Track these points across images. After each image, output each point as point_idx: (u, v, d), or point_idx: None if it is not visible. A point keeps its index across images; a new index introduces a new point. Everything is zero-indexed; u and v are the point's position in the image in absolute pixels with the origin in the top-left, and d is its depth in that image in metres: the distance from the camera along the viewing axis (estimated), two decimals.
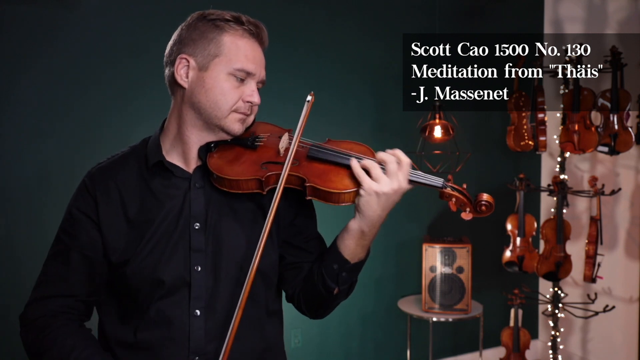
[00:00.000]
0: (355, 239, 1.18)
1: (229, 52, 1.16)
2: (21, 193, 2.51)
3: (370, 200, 1.13)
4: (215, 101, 1.17)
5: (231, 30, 1.18)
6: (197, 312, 1.16)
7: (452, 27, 3.42)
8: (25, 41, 2.48)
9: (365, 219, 1.15)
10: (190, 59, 1.18)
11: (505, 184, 3.28)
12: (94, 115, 2.61)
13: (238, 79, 1.17)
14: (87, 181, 1.22)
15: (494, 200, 1.21)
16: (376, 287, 3.33)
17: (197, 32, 1.18)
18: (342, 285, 1.21)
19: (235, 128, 1.20)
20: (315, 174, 1.17)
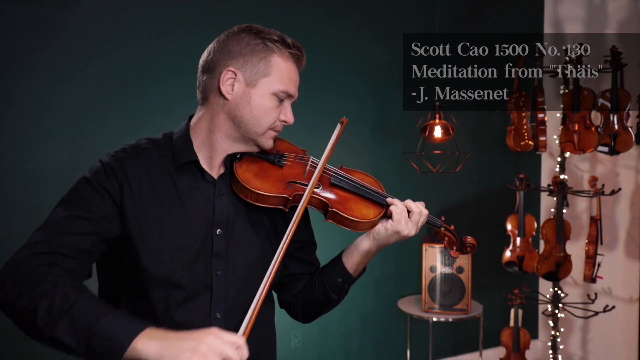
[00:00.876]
0: (362, 256, 1.32)
1: (276, 73, 1.21)
2: (21, 193, 2.51)
3: (390, 235, 1.28)
4: (258, 118, 1.21)
5: (279, 52, 1.22)
6: (218, 315, 1.20)
7: (452, 27, 3.42)
8: (25, 41, 2.48)
9: (377, 245, 1.30)
10: (238, 73, 1.20)
11: (505, 184, 3.28)
12: (94, 114, 2.62)
13: (279, 99, 1.23)
14: (113, 164, 1.17)
15: (476, 243, 1.39)
16: (376, 287, 3.33)
17: (247, 48, 1.20)
18: (342, 295, 1.36)
19: (269, 144, 1.26)
20: (337, 201, 1.28)
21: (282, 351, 3.07)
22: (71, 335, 0.96)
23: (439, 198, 3.46)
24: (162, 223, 1.16)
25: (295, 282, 1.38)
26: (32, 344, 1.04)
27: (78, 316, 0.97)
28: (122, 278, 1.20)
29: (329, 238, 2.06)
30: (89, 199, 1.13)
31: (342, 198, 1.29)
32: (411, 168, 3.03)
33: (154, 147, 1.23)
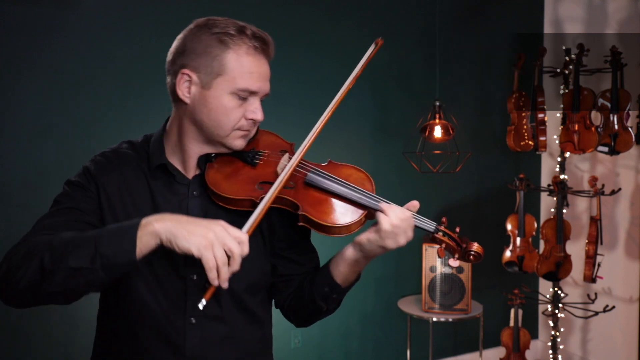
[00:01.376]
0: (349, 266, 1.20)
1: (232, 71, 1.13)
2: (21, 193, 2.51)
3: (377, 249, 1.15)
4: (218, 121, 1.15)
5: (235, 46, 1.13)
6: (193, 320, 1.17)
7: (452, 27, 3.42)
8: (25, 41, 2.48)
9: (364, 256, 1.18)
10: (192, 75, 1.15)
11: (505, 184, 3.28)
12: (94, 115, 2.62)
13: (240, 98, 1.15)
14: (91, 168, 1.20)
15: (483, 251, 1.18)
16: (376, 287, 3.33)
17: (200, 46, 1.14)
18: (331, 305, 1.24)
19: (237, 144, 1.19)
20: (309, 202, 1.15)
21: (282, 351, 3.07)
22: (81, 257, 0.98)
23: (439, 198, 3.46)
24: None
25: (286, 284, 1.28)
26: (32, 345, 1.04)
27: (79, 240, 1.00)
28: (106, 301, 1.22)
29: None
30: (75, 195, 1.17)
31: (316, 199, 1.15)
32: (411, 168, 3.03)
33: (133, 150, 1.24)
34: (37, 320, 2.53)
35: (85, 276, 0.98)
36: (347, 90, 1.26)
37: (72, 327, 2.58)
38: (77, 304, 1.12)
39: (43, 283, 0.99)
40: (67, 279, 0.98)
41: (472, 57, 3.55)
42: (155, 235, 0.98)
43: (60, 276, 0.98)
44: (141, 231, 0.98)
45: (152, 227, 0.98)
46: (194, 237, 0.97)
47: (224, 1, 2.79)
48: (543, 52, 3.16)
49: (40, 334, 2.54)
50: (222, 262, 0.98)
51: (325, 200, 1.16)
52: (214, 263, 0.97)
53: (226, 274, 0.98)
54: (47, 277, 0.98)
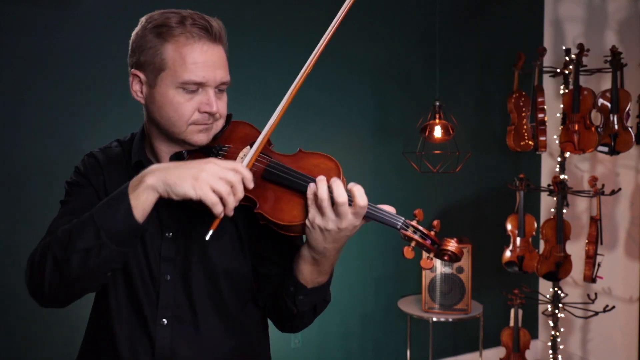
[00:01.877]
0: (308, 265, 1.09)
1: (173, 64, 1.07)
2: (21, 193, 2.51)
3: (314, 233, 1.02)
4: (168, 118, 1.10)
5: (173, 39, 1.07)
6: (165, 322, 1.14)
7: (452, 27, 3.42)
8: (25, 41, 2.48)
9: (313, 249, 1.06)
10: (140, 75, 1.12)
11: (505, 184, 3.28)
12: (93, 114, 2.62)
13: (188, 91, 1.08)
14: (81, 167, 1.24)
15: (460, 251, 1.06)
16: (376, 287, 3.33)
17: (142, 43, 1.10)
18: (300, 307, 1.13)
19: (199, 139, 1.12)
20: (267, 198, 1.05)
21: (282, 351, 3.07)
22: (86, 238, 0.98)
23: (439, 198, 3.46)
24: None
25: (265, 284, 1.21)
26: (32, 345, 1.04)
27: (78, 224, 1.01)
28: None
29: None
30: (76, 193, 1.19)
31: (273, 195, 1.05)
32: (411, 168, 3.03)
33: (120, 148, 1.25)
34: (36, 321, 2.53)
35: (97, 254, 0.98)
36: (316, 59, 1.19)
37: (72, 328, 2.58)
38: (77, 304, 1.12)
39: (63, 274, 1.00)
40: (83, 262, 0.98)
41: (472, 57, 3.55)
42: (152, 188, 0.98)
43: (75, 261, 0.98)
44: (135, 191, 0.98)
45: (145, 183, 0.98)
46: (186, 181, 0.96)
47: (225, 2, 2.79)
48: (543, 52, 3.16)
49: (40, 334, 2.55)
50: (226, 192, 0.96)
51: (283, 196, 1.05)
52: (214, 198, 0.96)
53: (233, 203, 0.97)
54: (64, 267, 0.99)
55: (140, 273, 1.14)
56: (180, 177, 0.96)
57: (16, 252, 2.52)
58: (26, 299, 1.26)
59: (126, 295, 1.15)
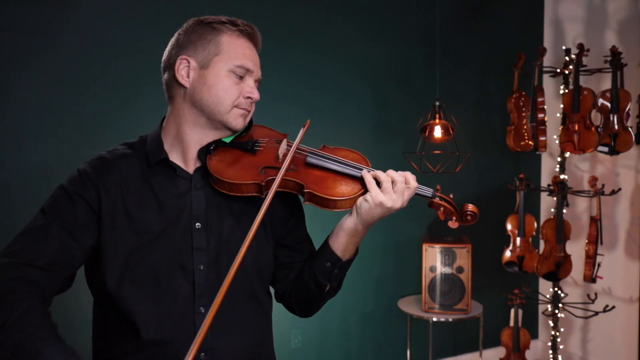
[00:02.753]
0: (348, 236, 1.24)
1: (228, 50, 1.21)
2: (21, 193, 2.51)
3: (373, 208, 1.20)
4: (218, 97, 1.21)
5: (228, 31, 1.23)
6: (202, 310, 1.18)
7: (452, 27, 3.42)
8: (25, 41, 2.48)
9: (362, 221, 1.22)
10: (190, 60, 1.22)
11: (505, 184, 3.28)
12: (94, 114, 2.62)
13: (238, 76, 1.22)
14: (88, 170, 1.21)
15: (478, 211, 1.29)
16: (376, 287, 3.33)
17: (195, 35, 1.23)
18: (333, 281, 1.27)
19: (238, 123, 1.24)
20: (312, 181, 1.21)
21: (282, 351, 3.07)
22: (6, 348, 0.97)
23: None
24: (143, 223, 1.18)
25: (287, 271, 1.33)
26: None
27: (20, 345, 0.98)
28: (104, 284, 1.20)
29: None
30: (65, 208, 1.18)
31: (318, 178, 1.22)
32: (411, 168, 3.03)
33: (130, 150, 1.26)
34: None
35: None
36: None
37: (71, 329, 2.58)
38: (76, 304, 1.12)
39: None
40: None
41: (472, 57, 3.55)
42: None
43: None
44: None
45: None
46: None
47: (225, 2, 2.79)
48: (543, 52, 3.16)
49: None
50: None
51: (327, 178, 1.23)
52: None
53: None
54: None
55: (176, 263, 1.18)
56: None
57: None
58: None
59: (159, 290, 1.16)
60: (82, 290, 1.32)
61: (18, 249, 1.13)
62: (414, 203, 3.23)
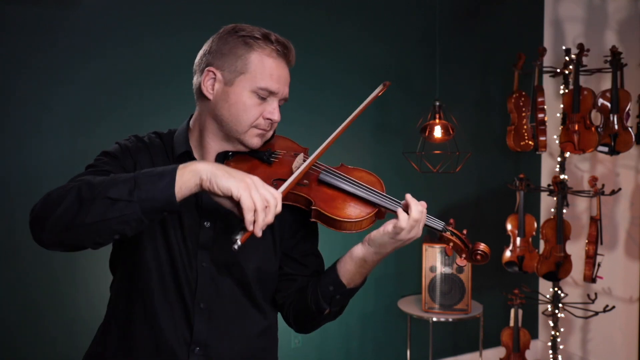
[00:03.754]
0: (357, 266, 1.21)
1: (254, 71, 1.20)
2: (22, 192, 2.51)
3: (389, 242, 1.17)
4: (237, 116, 1.20)
5: (259, 49, 1.21)
6: (202, 306, 1.21)
7: (452, 27, 3.42)
8: (25, 41, 2.48)
9: (374, 252, 1.19)
10: (217, 73, 1.21)
11: (505, 184, 3.28)
12: (93, 114, 2.62)
13: (260, 97, 1.21)
14: (129, 144, 1.25)
15: (490, 252, 1.22)
16: (376, 287, 3.33)
17: (227, 47, 1.21)
18: (334, 307, 1.24)
19: (254, 142, 1.23)
20: (322, 199, 1.20)
21: (282, 351, 3.06)
22: (121, 189, 0.99)
23: (439, 198, 3.46)
24: None
25: (289, 283, 1.32)
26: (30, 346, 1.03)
27: (118, 177, 1.02)
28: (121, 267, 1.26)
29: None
30: (110, 163, 1.20)
31: (328, 196, 1.21)
32: (411, 168, 3.03)
33: (160, 139, 1.30)
34: (35, 321, 2.53)
35: (121, 209, 0.98)
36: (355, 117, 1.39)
37: (69, 329, 2.58)
38: (76, 305, 1.12)
39: (78, 213, 0.99)
40: (104, 210, 0.98)
41: (472, 57, 3.55)
42: (197, 173, 1.00)
43: (98, 206, 0.99)
44: (182, 170, 1.01)
45: (193, 166, 1.01)
46: (233, 179, 1.00)
47: (225, 2, 2.80)
48: (543, 52, 3.16)
49: (38, 335, 2.55)
50: (261, 207, 1.00)
51: (337, 197, 1.21)
52: (251, 204, 0.99)
53: (262, 222, 1.01)
54: (84, 206, 0.99)
55: (181, 258, 1.20)
56: (229, 173, 1.01)
57: (16, 254, 2.52)
58: (26, 300, 1.26)
59: (170, 276, 1.20)
60: (82, 291, 1.32)
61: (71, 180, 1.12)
62: None
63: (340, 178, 1.23)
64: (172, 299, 1.21)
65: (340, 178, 1.23)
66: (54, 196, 1.03)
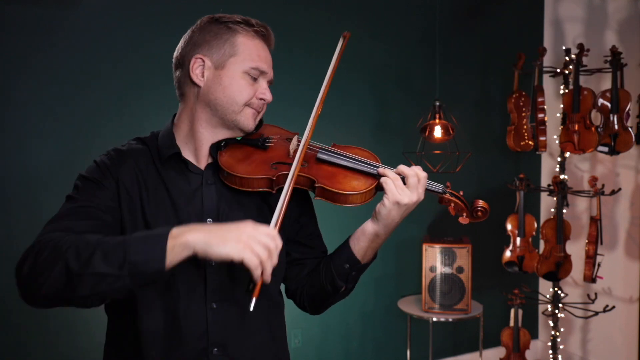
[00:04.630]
0: (369, 241, 1.25)
1: (244, 52, 1.23)
2: (21, 193, 2.51)
3: (392, 209, 1.21)
4: (232, 97, 1.22)
5: (243, 31, 1.24)
6: (214, 305, 1.19)
7: (452, 27, 3.42)
8: (25, 41, 2.48)
9: (383, 225, 1.23)
10: (205, 59, 1.23)
11: (505, 184, 3.28)
12: (93, 114, 2.62)
13: (252, 77, 1.23)
14: (106, 162, 1.22)
15: (489, 207, 1.29)
16: (376, 287, 3.33)
17: (210, 34, 1.24)
18: (350, 283, 1.28)
19: (249, 123, 1.25)
20: (323, 176, 1.23)
21: None
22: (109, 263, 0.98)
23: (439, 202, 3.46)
24: (154, 218, 1.19)
25: (299, 267, 1.34)
26: (31, 348, 1.02)
27: (106, 245, 1.01)
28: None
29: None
30: (89, 191, 1.17)
31: (329, 173, 1.24)
32: None
33: (143, 145, 1.27)
34: (37, 324, 2.53)
35: (111, 283, 0.99)
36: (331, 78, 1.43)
37: (72, 332, 2.58)
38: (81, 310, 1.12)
39: (67, 287, 0.99)
40: (93, 284, 0.98)
41: (472, 57, 3.55)
42: (188, 247, 0.99)
43: (86, 281, 0.98)
44: (172, 241, 0.99)
45: (184, 238, 0.99)
46: (229, 243, 0.98)
47: (225, 2, 2.79)
48: (543, 52, 3.16)
49: (40, 337, 2.55)
50: (265, 257, 1.00)
51: (338, 173, 1.24)
52: (256, 262, 0.99)
53: (270, 269, 1.01)
54: (72, 281, 0.99)
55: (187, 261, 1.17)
56: (223, 238, 0.99)
57: (16, 255, 2.52)
58: None
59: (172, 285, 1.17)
60: None
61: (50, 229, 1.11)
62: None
63: (338, 155, 1.27)
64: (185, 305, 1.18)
65: (337, 155, 1.27)
66: (40, 264, 1.02)
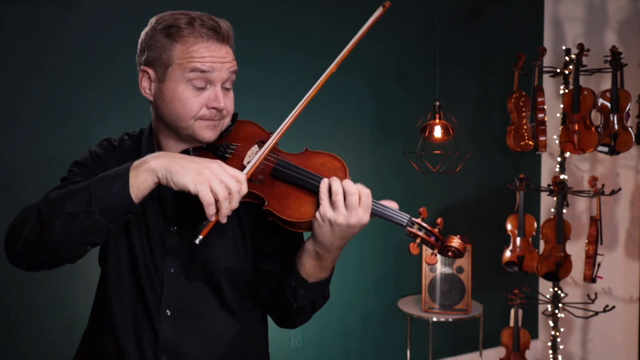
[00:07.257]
0: (311, 259, 1.11)
1: (181, 59, 1.12)
2: (19, 193, 2.51)
3: (323, 226, 1.05)
4: (176, 113, 1.13)
5: (182, 39, 1.12)
6: (168, 312, 1.17)
7: (452, 27, 3.42)
8: (25, 41, 2.48)
9: (319, 244, 1.08)
10: (149, 71, 1.16)
11: (505, 184, 3.28)
12: (94, 114, 2.62)
13: (196, 87, 1.12)
14: (99, 152, 1.24)
15: (463, 247, 1.09)
16: (376, 287, 3.33)
17: (152, 41, 1.15)
18: (300, 302, 1.14)
19: (207, 135, 1.15)
20: (275, 196, 1.08)
21: (282, 351, 3.07)
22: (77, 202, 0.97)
23: (439, 198, 3.46)
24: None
25: (265, 280, 1.23)
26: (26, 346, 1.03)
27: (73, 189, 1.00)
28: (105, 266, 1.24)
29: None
30: (83, 175, 1.18)
31: (282, 193, 1.08)
32: (411, 168, 3.03)
33: (132, 142, 1.28)
34: (35, 321, 2.53)
35: (83, 222, 0.97)
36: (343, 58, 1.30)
37: (70, 329, 2.58)
38: (73, 305, 1.12)
39: (42, 234, 0.98)
40: (66, 226, 0.97)
41: (472, 57, 3.55)
42: (152, 172, 0.98)
43: (58, 224, 0.97)
44: (135, 170, 0.98)
45: (147, 165, 0.98)
46: (188, 173, 0.96)
47: (225, 2, 2.79)
48: (543, 52, 3.16)
49: (34, 334, 2.55)
50: (223, 197, 0.97)
51: (291, 193, 1.08)
52: (210, 198, 0.96)
53: (226, 210, 0.98)
54: (45, 227, 0.98)
55: (145, 265, 1.17)
56: (184, 168, 0.97)
57: None
58: (25, 300, 1.26)
59: (132, 285, 1.18)
60: (81, 291, 1.32)
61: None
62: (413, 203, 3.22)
63: (294, 170, 1.09)
64: (134, 308, 1.17)
65: (293, 170, 1.09)
66: (19, 219, 1.04)
